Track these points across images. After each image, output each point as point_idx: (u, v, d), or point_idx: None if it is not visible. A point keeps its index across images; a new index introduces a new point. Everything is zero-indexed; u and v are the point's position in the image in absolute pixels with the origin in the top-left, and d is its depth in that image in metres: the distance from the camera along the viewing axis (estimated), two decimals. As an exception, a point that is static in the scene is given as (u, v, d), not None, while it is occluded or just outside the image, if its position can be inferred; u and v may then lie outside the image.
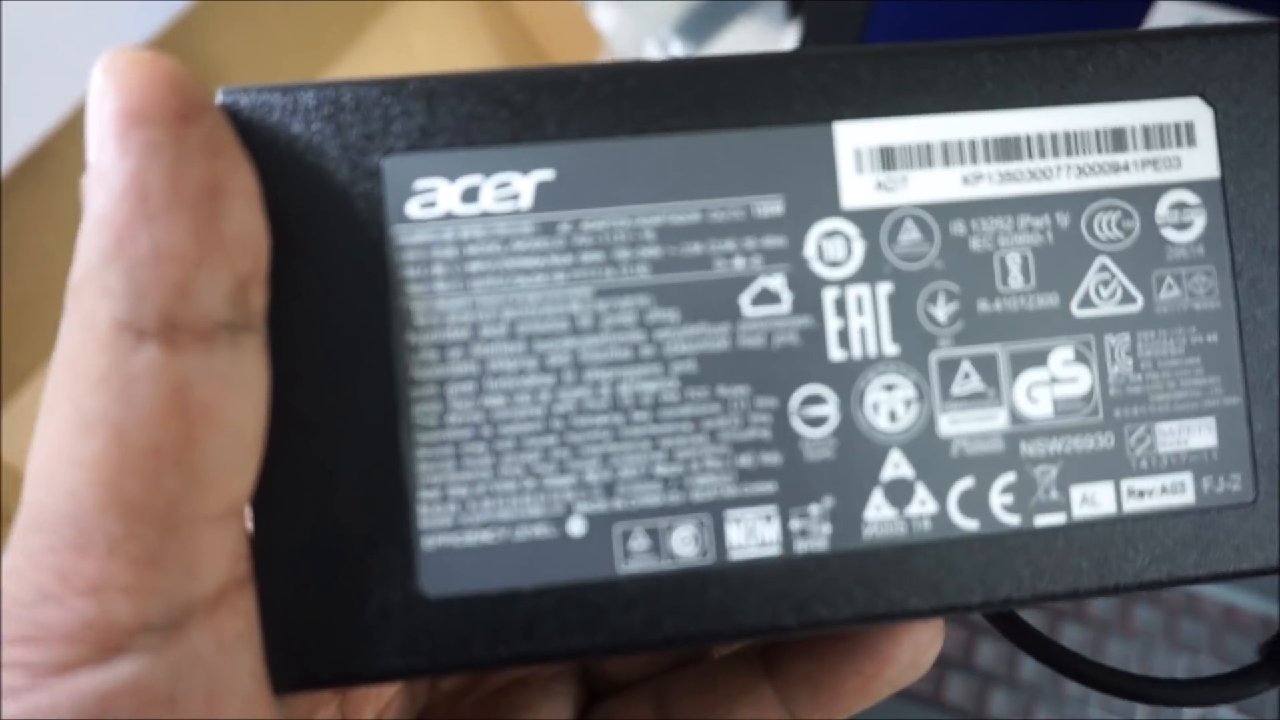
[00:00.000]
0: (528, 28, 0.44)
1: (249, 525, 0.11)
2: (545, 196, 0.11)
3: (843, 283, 0.11)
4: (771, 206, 0.11)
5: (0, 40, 0.33)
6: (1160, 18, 0.27)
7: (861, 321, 0.11)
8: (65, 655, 0.09)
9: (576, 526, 0.11)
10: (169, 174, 0.09)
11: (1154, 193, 0.12)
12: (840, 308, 0.11)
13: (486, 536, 0.11)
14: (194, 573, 0.10)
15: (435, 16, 0.43)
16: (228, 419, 0.10)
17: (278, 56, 0.40)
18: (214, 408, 0.09)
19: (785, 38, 0.43)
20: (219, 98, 0.11)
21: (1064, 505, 0.11)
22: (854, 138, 0.11)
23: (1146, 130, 0.12)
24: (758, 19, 0.45)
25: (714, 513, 0.11)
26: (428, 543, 0.11)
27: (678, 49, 0.44)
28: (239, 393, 0.10)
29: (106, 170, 0.09)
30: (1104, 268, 0.12)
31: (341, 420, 0.11)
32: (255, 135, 0.11)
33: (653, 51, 0.44)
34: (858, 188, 0.11)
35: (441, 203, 0.11)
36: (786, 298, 0.11)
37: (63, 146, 0.34)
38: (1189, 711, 0.29)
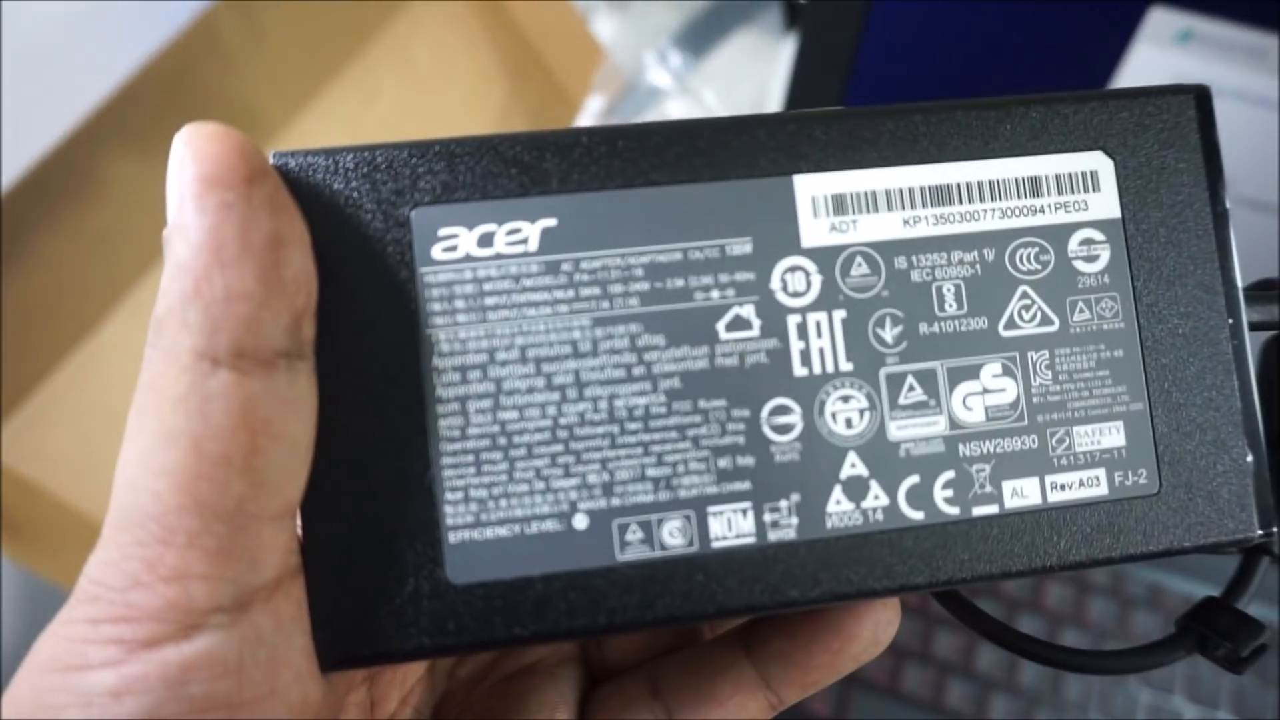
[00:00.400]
0: (528, 39, 0.45)
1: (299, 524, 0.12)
2: (550, 241, 0.13)
3: (804, 310, 0.13)
4: (742, 247, 0.13)
5: (3, 53, 0.34)
6: (1153, 22, 0.27)
7: (820, 343, 0.13)
8: (153, 632, 0.11)
9: (580, 522, 0.13)
10: (239, 228, 0.11)
11: (1066, 231, 0.14)
12: (802, 331, 0.13)
13: (503, 531, 0.13)
14: (256, 563, 0.11)
15: (437, 28, 0.44)
16: (285, 433, 0.11)
17: (280, 69, 0.41)
18: (274, 423, 0.11)
19: (783, 48, 0.44)
20: (271, 159, 0.13)
21: (997, 498, 0.13)
22: (811, 188, 0.13)
23: (1058, 178, 0.14)
24: (755, 29, 0.45)
25: (698, 508, 0.13)
26: (453, 537, 0.13)
27: (676, 60, 0.45)
28: (294, 411, 0.12)
29: (187, 226, 0.11)
30: (1025, 295, 0.14)
31: (378, 433, 0.13)
32: (304, 191, 0.13)
33: (651, 60, 0.45)
34: (815, 230, 0.13)
35: (462, 247, 0.13)
36: (756, 324, 0.13)
37: (66, 159, 0.35)
38: (1189, 712, 0.30)
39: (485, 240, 0.13)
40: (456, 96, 0.45)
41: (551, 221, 0.13)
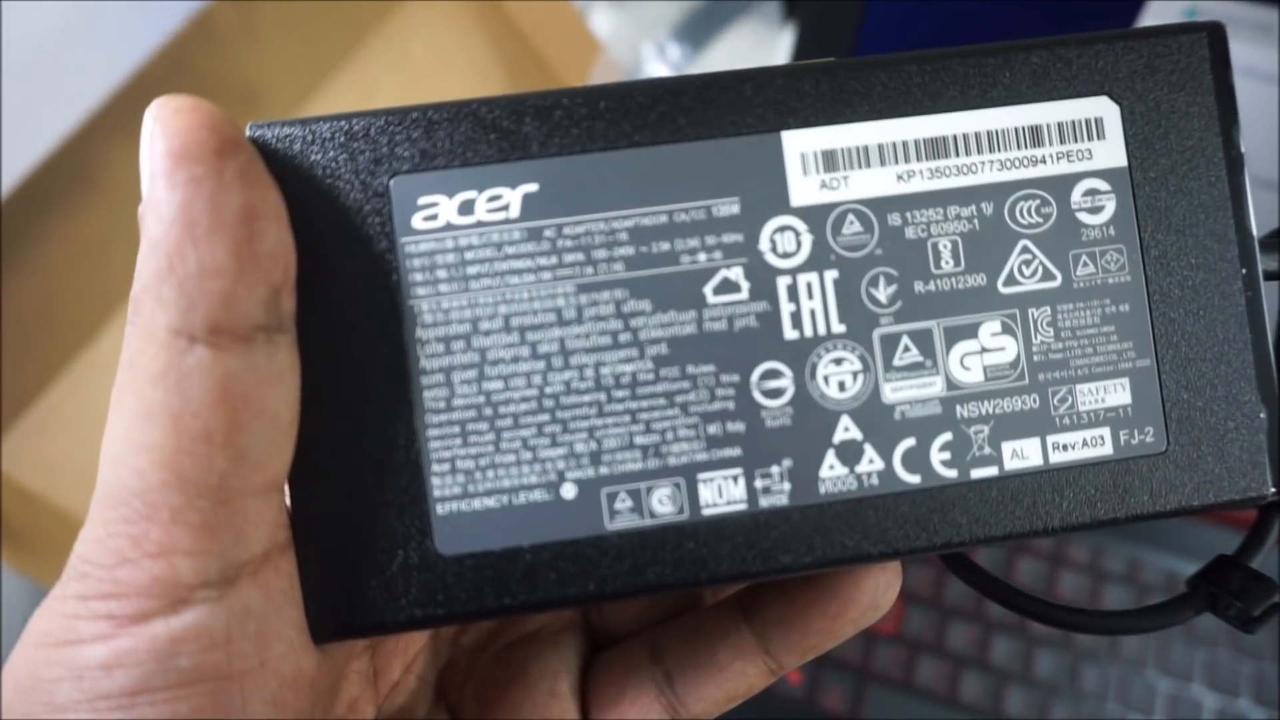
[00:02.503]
0: (524, 33, 0.44)
1: (288, 498, 0.12)
2: (531, 206, 0.13)
3: (794, 271, 0.13)
4: (729, 207, 0.13)
5: (1, 58, 0.33)
6: (1154, 15, 0.27)
7: (812, 305, 0.13)
8: (141, 607, 0.11)
9: (568, 491, 0.13)
10: (210, 203, 0.11)
11: (1069, 182, 0.13)
12: (792, 293, 0.13)
13: (491, 502, 0.13)
14: (242, 538, 0.11)
15: (433, 23, 0.43)
16: (266, 407, 0.11)
17: (278, 66, 0.41)
18: (254, 398, 0.11)
19: (781, 39, 0.43)
20: (248, 132, 0.12)
21: (996, 459, 0.13)
22: (799, 144, 0.13)
23: (1060, 126, 0.13)
24: (754, 21, 0.45)
25: (687, 475, 0.13)
26: (441, 509, 0.12)
27: (675, 52, 0.45)
28: (275, 385, 0.11)
29: (158, 202, 0.11)
30: (1026, 249, 0.13)
31: (363, 406, 0.12)
32: (280, 163, 0.12)
33: (650, 54, 0.45)
34: (804, 187, 0.13)
35: (442, 215, 0.13)
36: (745, 286, 0.13)
37: (64, 164, 0.34)
38: (1209, 701, 0.30)
39: (466, 208, 0.13)
40: (454, 92, 0.44)
41: (533, 187, 0.13)
